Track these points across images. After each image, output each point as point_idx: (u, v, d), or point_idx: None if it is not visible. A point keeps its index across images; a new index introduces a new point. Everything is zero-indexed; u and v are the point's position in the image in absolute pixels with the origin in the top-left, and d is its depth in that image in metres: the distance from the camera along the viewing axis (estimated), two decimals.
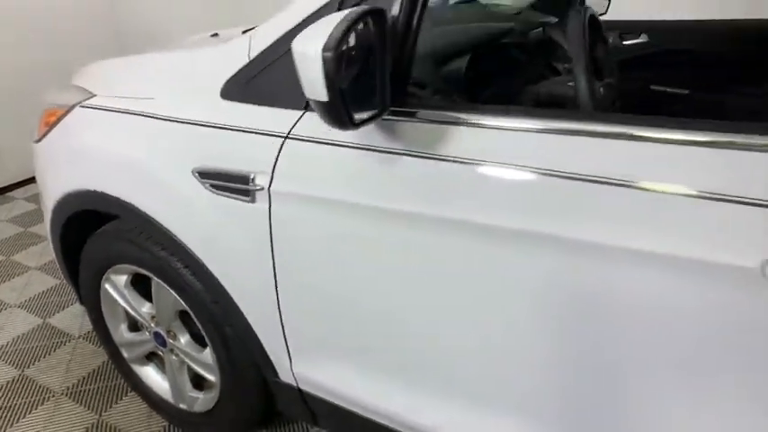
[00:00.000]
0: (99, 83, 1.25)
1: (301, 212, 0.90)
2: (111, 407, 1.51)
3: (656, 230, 0.63)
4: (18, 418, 1.48)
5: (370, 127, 0.81)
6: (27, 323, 1.86)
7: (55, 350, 1.73)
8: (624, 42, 1.87)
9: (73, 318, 1.88)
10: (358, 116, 0.69)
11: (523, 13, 1.60)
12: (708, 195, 0.60)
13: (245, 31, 1.09)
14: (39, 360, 1.69)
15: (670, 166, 0.64)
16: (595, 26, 1.12)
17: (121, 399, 1.53)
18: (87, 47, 3.07)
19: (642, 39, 1.85)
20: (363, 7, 0.68)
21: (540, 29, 1.39)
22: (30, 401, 1.53)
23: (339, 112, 0.67)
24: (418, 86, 0.97)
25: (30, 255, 2.29)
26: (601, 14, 1.98)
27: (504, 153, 0.73)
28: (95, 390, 1.56)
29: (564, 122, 0.70)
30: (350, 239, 0.88)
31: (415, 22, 0.77)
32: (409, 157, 0.79)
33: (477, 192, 0.74)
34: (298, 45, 0.65)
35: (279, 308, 1.02)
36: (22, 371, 1.65)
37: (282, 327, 1.04)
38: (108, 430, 1.44)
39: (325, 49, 0.62)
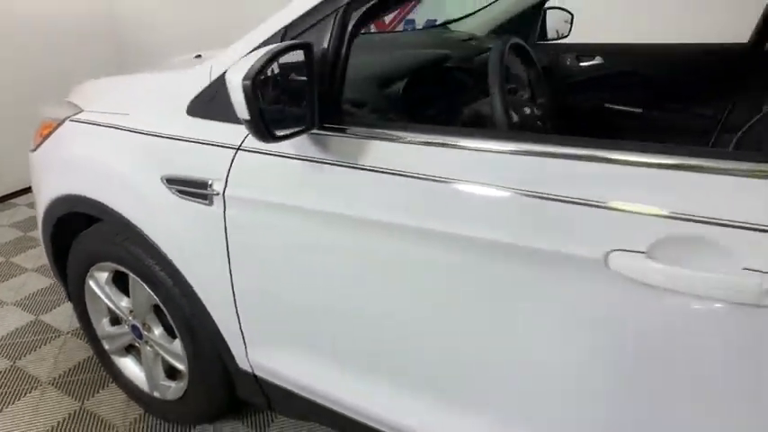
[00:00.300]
0: (87, 99, 1.40)
1: (250, 214, 1.04)
2: (92, 396, 1.63)
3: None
4: (8, 404, 1.61)
5: (307, 140, 0.95)
6: (21, 319, 2.00)
7: (45, 344, 1.86)
8: (581, 64, 2.01)
9: (64, 315, 2.01)
10: (282, 132, 0.83)
11: (479, 40, 1.75)
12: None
13: (196, 56, 1.23)
14: (29, 353, 1.82)
15: (544, 175, 0.76)
16: (525, 54, 1.26)
17: (103, 389, 1.66)
18: (89, 63, 3.25)
19: (597, 60, 1.99)
20: (289, 42, 0.83)
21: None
22: (19, 390, 1.66)
23: (259, 127, 0.80)
24: (357, 106, 1.11)
25: (28, 257, 2.44)
26: (564, 37, 2.13)
27: (414, 163, 0.86)
28: (80, 380, 1.69)
29: (471, 140, 0.83)
30: (292, 238, 1.01)
31: (342, 53, 0.91)
32: (338, 167, 0.92)
33: (387, 195, 0.87)
34: (229, 74, 0.79)
35: (234, 301, 1.15)
36: (14, 362, 1.78)
37: (238, 318, 1.17)
38: (89, 417, 1.56)
39: (245, 78, 0.76)
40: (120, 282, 1.47)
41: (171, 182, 1.13)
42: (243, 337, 1.19)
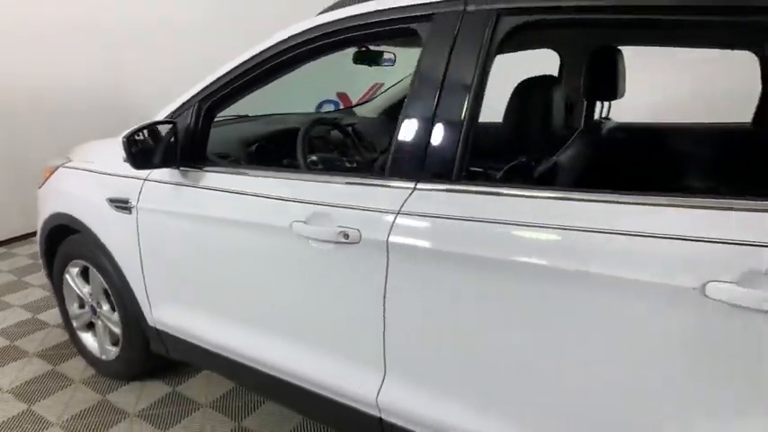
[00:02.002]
0: (75, 154, 2.17)
1: (150, 218, 1.74)
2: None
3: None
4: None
5: (177, 174, 1.65)
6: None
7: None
8: None
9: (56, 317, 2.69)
10: (150, 165, 1.56)
11: (348, 116, 2.51)
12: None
13: None
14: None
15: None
16: (333, 124, 2.01)
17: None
18: (95, 128, 4.03)
19: None
20: (159, 119, 1.57)
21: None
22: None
23: (132, 162, 1.53)
24: (223, 156, 1.84)
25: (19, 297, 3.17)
26: None
27: (247, 187, 1.53)
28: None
29: (291, 174, 1.52)
30: (174, 229, 1.70)
31: (198, 128, 1.63)
32: (190, 188, 1.63)
33: (219, 202, 1.56)
34: (121, 136, 1.53)
35: (143, 276, 1.83)
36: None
37: (146, 288, 1.84)
38: None
39: (124, 137, 1.49)
40: (84, 275, 2.17)
41: (111, 201, 1.85)
42: (149, 302, 1.86)
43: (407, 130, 1.23)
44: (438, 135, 1.19)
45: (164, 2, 4.25)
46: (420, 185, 1.20)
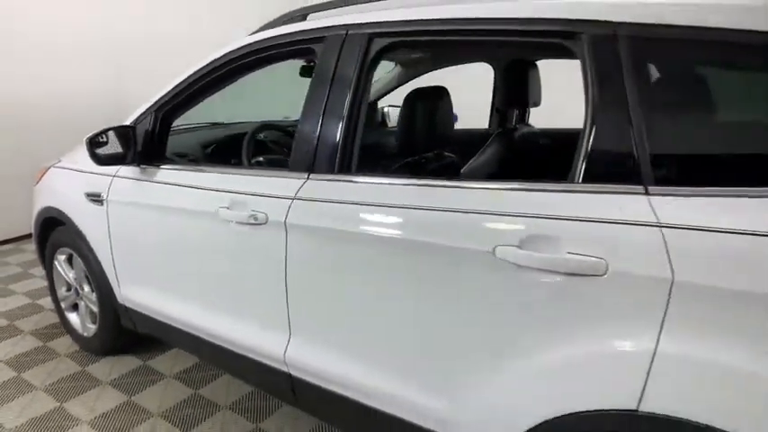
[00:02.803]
0: (66, 156, 2.49)
1: (117, 208, 2.03)
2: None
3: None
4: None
5: (138, 170, 1.94)
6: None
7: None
8: None
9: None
10: (109, 161, 1.85)
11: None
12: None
13: None
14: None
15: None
16: (288, 132, 2.28)
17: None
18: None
19: None
20: (120, 125, 1.87)
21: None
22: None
23: (94, 160, 1.83)
24: (181, 156, 2.13)
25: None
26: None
27: (189, 180, 1.82)
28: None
29: (222, 169, 1.80)
30: (135, 217, 1.99)
31: (156, 131, 1.93)
32: (148, 182, 1.92)
33: (171, 196, 1.84)
34: (86, 138, 1.83)
35: (113, 259, 2.12)
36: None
37: (115, 269, 2.13)
38: None
39: (87, 138, 1.79)
40: (70, 261, 2.48)
41: (88, 195, 2.15)
42: (118, 282, 2.15)
43: (303, 131, 1.50)
44: (325, 135, 1.45)
45: (163, 18, 4.64)
46: (312, 176, 1.46)
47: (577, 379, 1.04)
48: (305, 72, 2.35)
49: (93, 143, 1.82)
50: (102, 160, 1.86)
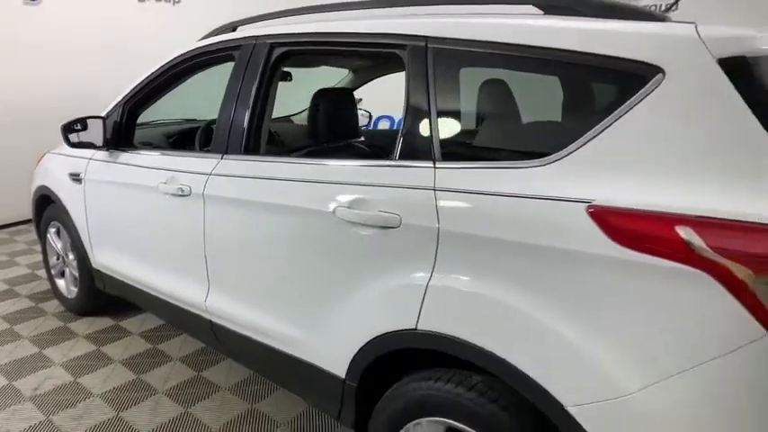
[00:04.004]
0: (60, 144, 2.91)
1: (92, 186, 2.43)
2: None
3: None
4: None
5: (107, 153, 2.33)
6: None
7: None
8: None
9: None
10: (80, 144, 2.24)
11: None
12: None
13: None
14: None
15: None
16: None
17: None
18: None
19: None
20: (93, 115, 2.25)
21: None
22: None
23: (68, 144, 2.22)
24: (146, 144, 2.52)
25: None
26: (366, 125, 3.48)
27: (143, 162, 2.20)
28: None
29: (167, 152, 2.18)
30: (103, 193, 2.38)
31: (123, 122, 2.31)
32: (117, 164, 2.30)
33: (130, 173, 2.22)
34: (61, 125, 2.22)
35: (88, 227, 2.52)
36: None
37: (89, 236, 2.53)
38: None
39: (61, 125, 2.19)
40: (59, 234, 2.89)
41: (70, 175, 2.55)
42: (92, 248, 2.54)
43: (220, 120, 1.86)
44: (236, 124, 1.80)
45: (168, 24, 5.10)
46: (225, 157, 1.82)
47: (384, 307, 1.36)
48: None
49: (67, 129, 2.22)
50: (74, 144, 2.26)
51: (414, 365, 1.38)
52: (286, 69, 2.82)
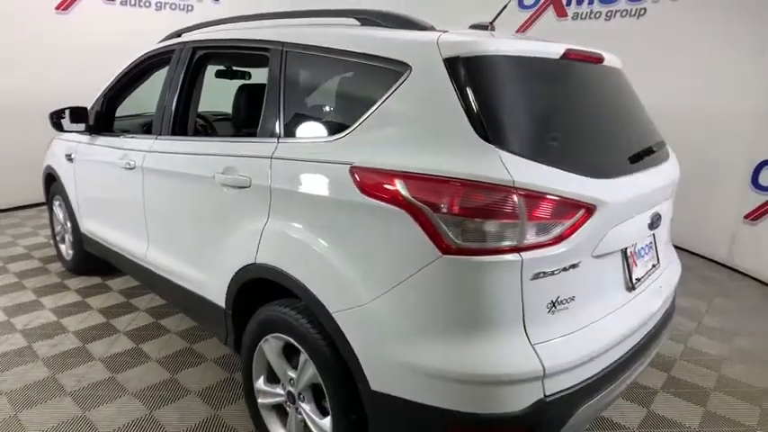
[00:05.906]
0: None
1: (80, 165, 2.96)
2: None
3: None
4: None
5: (91, 136, 2.86)
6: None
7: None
8: None
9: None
10: (68, 129, 2.78)
11: None
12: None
13: None
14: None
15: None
16: (202, 117, 3.13)
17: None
18: None
19: None
20: (75, 105, 2.78)
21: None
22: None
23: (55, 129, 2.75)
24: (124, 130, 3.03)
25: None
26: None
27: (110, 143, 2.71)
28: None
29: (127, 136, 2.69)
30: (87, 169, 2.91)
31: (103, 111, 2.83)
32: (95, 145, 2.82)
33: (107, 153, 2.73)
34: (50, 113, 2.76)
35: (77, 199, 3.06)
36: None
37: (78, 206, 3.07)
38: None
39: (50, 113, 2.72)
40: (61, 206, 3.46)
41: (66, 155, 3.11)
42: (80, 216, 3.08)
43: (158, 108, 2.33)
44: (167, 110, 2.27)
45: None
46: (158, 137, 2.29)
47: (240, 248, 1.78)
48: (218, 74, 3.18)
49: (54, 116, 2.76)
50: (61, 128, 2.80)
51: (272, 297, 1.79)
52: (244, 69, 3.33)
